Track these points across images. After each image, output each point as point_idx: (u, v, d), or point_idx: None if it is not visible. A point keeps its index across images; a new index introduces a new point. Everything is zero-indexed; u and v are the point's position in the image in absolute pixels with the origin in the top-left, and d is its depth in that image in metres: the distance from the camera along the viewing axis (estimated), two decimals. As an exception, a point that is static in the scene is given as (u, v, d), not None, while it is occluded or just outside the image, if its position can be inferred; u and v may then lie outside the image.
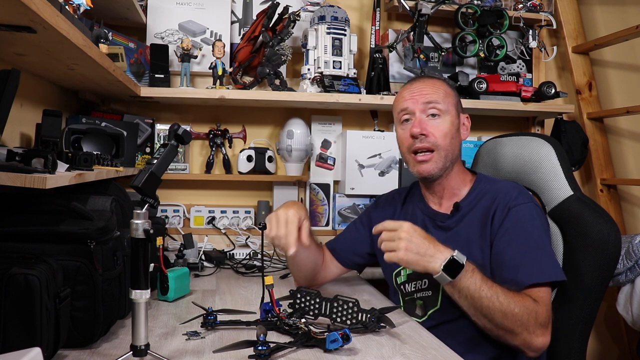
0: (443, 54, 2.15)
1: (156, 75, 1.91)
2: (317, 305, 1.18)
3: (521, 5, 2.21)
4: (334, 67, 2.00)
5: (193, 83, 2.04)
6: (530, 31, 2.16)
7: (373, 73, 2.10)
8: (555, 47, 2.24)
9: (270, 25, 1.95)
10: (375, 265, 1.56)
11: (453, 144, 1.33)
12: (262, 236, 1.26)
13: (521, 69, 2.30)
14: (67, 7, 1.10)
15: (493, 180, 1.38)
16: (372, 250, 1.50)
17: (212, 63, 1.95)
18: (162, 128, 2.06)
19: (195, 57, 2.00)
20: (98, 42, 1.43)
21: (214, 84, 1.95)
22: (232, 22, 2.12)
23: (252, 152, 2.06)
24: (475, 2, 2.15)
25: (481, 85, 2.09)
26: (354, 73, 2.05)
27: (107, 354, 0.99)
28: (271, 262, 1.86)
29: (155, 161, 0.93)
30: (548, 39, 2.39)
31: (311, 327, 1.07)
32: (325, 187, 2.15)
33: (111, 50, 1.62)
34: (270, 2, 1.95)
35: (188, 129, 1.08)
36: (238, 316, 1.18)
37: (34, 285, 0.85)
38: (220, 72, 1.94)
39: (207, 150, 2.13)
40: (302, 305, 1.19)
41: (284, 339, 1.06)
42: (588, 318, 1.29)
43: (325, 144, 2.18)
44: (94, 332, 1.01)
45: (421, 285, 1.34)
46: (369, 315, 1.13)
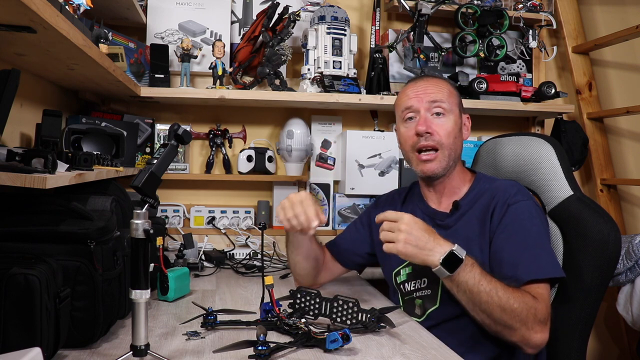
0: (443, 54, 2.15)
1: (156, 75, 1.91)
2: (317, 305, 1.18)
3: (521, 5, 2.21)
4: (334, 67, 1.99)
5: (193, 83, 2.04)
6: (530, 31, 2.16)
7: (373, 73, 2.10)
8: (555, 47, 2.24)
9: (270, 25, 1.94)
10: (375, 265, 1.56)
11: (456, 143, 1.34)
12: (262, 236, 1.26)
13: (521, 69, 2.30)
14: (67, 7, 1.10)
15: (492, 179, 1.39)
16: (372, 250, 1.50)
17: (212, 63, 1.95)
18: (162, 128, 2.06)
19: (195, 57, 2.00)
20: (98, 42, 1.43)
21: (214, 84, 1.95)
22: (232, 22, 2.12)
23: (252, 152, 2.06)
24: (475, 2, 2.14)
25: (481, 85, 2.09)
26: (354, 73, 2.05)
27: (107, 354, 0.99)
28: (271, 262, 1.87)
29: (155, 161, 0.93)
30: (548, 39, 2.39)
31: (311, 327, 1.08)
32: (325, 187, 2.15)
33: (111, 50, 1.62)
34: (270, 2, 1.94)
35: (188, 129, 1.08)
36: (238, 316, 1.18)
37: (34, 285, 0.85)
38: (220, 72, 1.94)
39: (207, 150, 2.13)
40: (302, 305, 1.19)
41: (284, 339, 1.06)
42: (588, 318, 1.29)
43: (325, 144, 2.18)
44: (94, 332, 1.01)
45: (420, 284, 1.34)
46: (369, 315, 1.14)
